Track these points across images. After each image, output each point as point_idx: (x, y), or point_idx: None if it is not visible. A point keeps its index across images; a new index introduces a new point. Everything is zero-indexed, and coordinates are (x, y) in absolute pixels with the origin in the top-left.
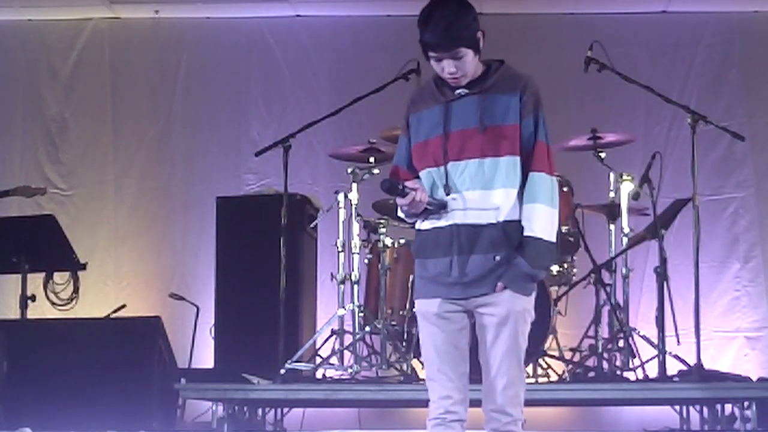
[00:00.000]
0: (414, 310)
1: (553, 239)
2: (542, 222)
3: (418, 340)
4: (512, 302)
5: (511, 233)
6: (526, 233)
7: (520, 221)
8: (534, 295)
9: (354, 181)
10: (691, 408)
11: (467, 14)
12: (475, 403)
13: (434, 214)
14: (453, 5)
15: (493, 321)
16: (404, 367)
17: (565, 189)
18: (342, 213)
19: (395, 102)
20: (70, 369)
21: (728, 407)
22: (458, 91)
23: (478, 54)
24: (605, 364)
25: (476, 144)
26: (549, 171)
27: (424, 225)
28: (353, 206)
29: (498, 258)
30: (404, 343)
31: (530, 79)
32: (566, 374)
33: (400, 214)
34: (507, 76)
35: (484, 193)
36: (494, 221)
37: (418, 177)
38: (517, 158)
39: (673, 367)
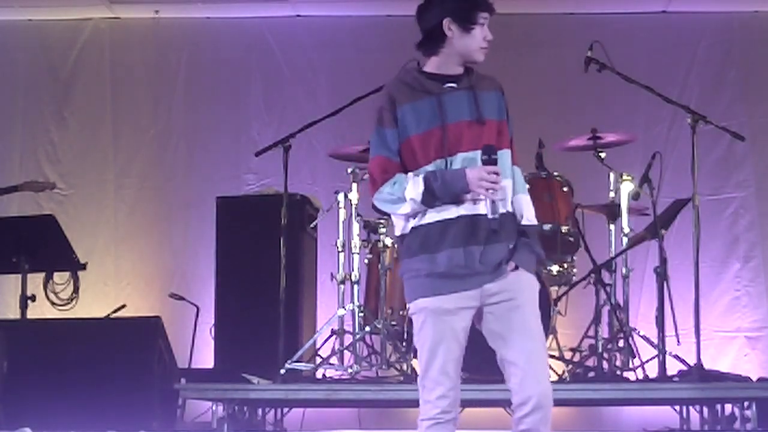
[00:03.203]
0: (419, 307)
1: None
2: (532, 211)
3: None
4: (528, 281)
5: (514, 224)
6: (524, 222)
7: (512, 213)
8: None
9: (354, 181)
10: (691, 408)
11: None
12: (474, 403)
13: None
14: None
15: (513, 304)
16: (404, 367)
17: (565, 189)
18: (342, 213)
19: None
20: (70, 369)
21: (728, 407)
22: (448, 85)
23: None
24: (605, 364)
25: (481, 136)
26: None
27: (425, 219)
28: (353, 206)
29: (511, 246)
30: (404, 343)
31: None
32: (566, 374)
33: (413, 191)
34: (482, 76)
35: None
36: (503, 211)
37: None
38: (510, 152)
39: (673, 367)
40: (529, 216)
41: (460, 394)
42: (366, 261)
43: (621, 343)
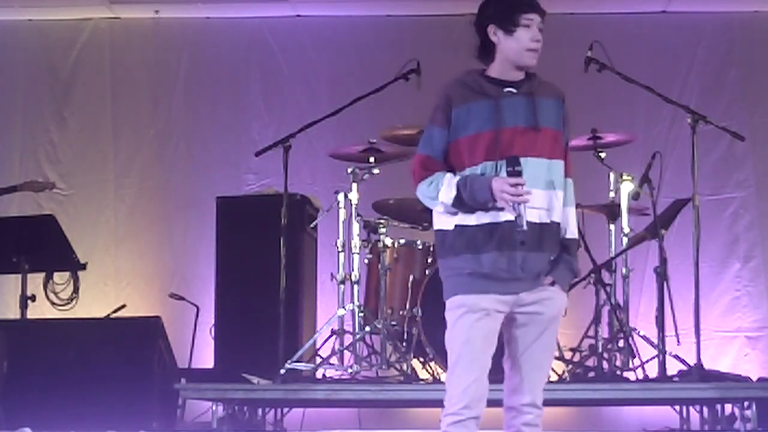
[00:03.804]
0: (456, 303)
1: None
2: (575, 224)
3: (418, 340)
4: (560, 300)
5: (558, 234)
6: (568, 236)
7: (557, 224)
8: None
9: (354, 181)
10: (691, 408)
11: None
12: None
13: (482, 210)
14: None
15: (540, 318)
16: (404, 367)
17: None
18: (342, 213)
19: (395, 102)
20: (70, 369)
21: (728, 407)
22: (507, 90)
23: None
24: (605, 364)
25: (536, 143)
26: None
27: (471, 221)
28: (353, 206)
29: (552, 258)
30: (404, 343)
31: (563, 90)
32: (566, 374)
33: (446, 195)
34: (544, 83)
35: (544, 192)
36: (548, 221)
37: (451, 171)
38: (563, 163)
39: (673, 367)
40: (572, 229)
41: (487, 394)
42: (366, 261)
43: (621, 343)
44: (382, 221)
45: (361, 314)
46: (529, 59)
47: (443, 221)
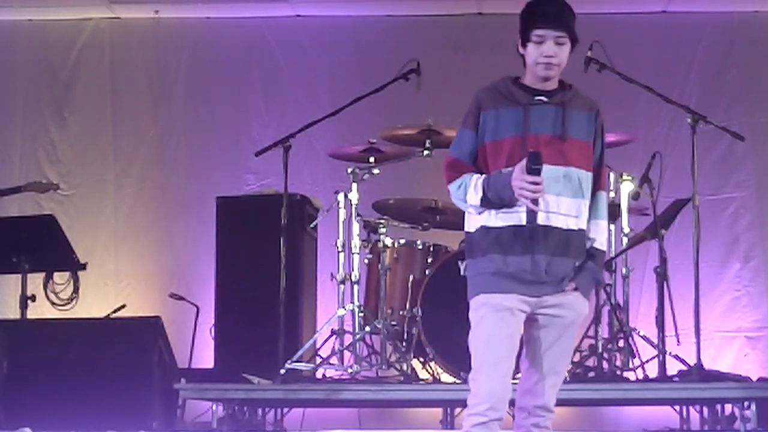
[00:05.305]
0: (480, 303)
1: None
2: (606, 238)
3: (418, 340)
4: (581, 306)
5: (583, 242)
6: (596, 246)
7: (584, 231)
8: None
9: (354, 181)
10: (691, 408)
11: (572, 11)
12: None
13: (504, 210)
14: None
15: (560, 322)
16: (404, 367)
17: None
18: (342, 213)
19: (395, 102)
20: (70, 369)
21: (728, 407)
22: (538, 98)
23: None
24: (605, 364)
25: (562, 152)
26: (607, 191)
27: (497, 222)
28: (353, 206)
29: (577, 264)
30: (404, 343)
31: (598, 103)
32: (566, 374)
33: (473, 198)
34: (580, 95)
35: (571, 201)
36: (575, 228)
37: (480, 173)
38: (591, 174)
39: (673, 367)
40: (601, 240)
41: (510, 395)
42: (366, 261)
43: (621, 343)
44: (382, 221)
45: (361, 314)
46: (541, 71)
47: (471, 223)
